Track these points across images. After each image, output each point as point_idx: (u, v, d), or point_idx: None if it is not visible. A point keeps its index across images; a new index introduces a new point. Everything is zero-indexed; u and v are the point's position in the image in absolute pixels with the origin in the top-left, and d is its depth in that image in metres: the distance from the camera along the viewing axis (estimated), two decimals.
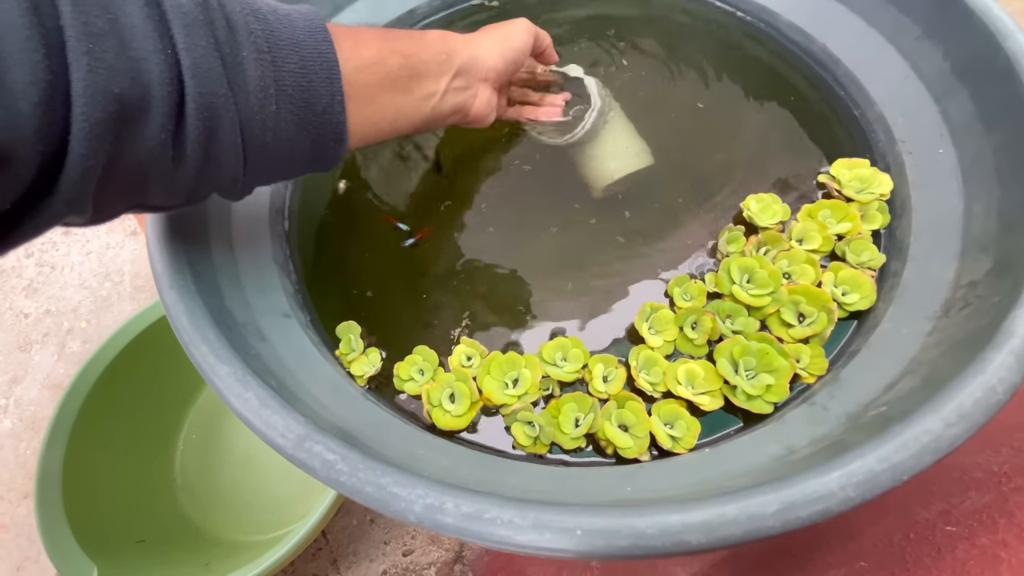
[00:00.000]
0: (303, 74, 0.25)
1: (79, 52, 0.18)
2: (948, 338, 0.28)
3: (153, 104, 0.20)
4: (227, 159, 0.24)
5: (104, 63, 0.19)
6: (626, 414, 0.31)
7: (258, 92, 0.23)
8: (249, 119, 0.23)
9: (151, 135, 0.21)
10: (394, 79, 0.29)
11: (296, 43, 0.24)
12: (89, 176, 0.20)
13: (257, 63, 0.23)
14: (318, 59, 0.25)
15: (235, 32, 0.22)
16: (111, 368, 0.63)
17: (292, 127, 0.25)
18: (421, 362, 0.35)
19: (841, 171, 0.39)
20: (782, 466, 0.25)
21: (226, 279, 0.34)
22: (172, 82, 0.21)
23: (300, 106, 0.25)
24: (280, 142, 0.25)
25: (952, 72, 0.37)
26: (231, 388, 0.26)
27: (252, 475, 0.70)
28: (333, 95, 0.26)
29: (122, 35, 0.19)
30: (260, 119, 0.24)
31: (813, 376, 0.32)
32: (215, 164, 0.24)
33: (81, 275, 0.92)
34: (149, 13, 0.20)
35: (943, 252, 0.33)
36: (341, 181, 0.44)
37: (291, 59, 0.24)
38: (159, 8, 0.20)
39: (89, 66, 0.18)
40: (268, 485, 0.69)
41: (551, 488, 0.27)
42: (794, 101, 0.45)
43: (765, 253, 0.36)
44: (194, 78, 0.21)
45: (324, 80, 0.25)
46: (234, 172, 0.25)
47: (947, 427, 0.21)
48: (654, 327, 0.34)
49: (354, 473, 0.23)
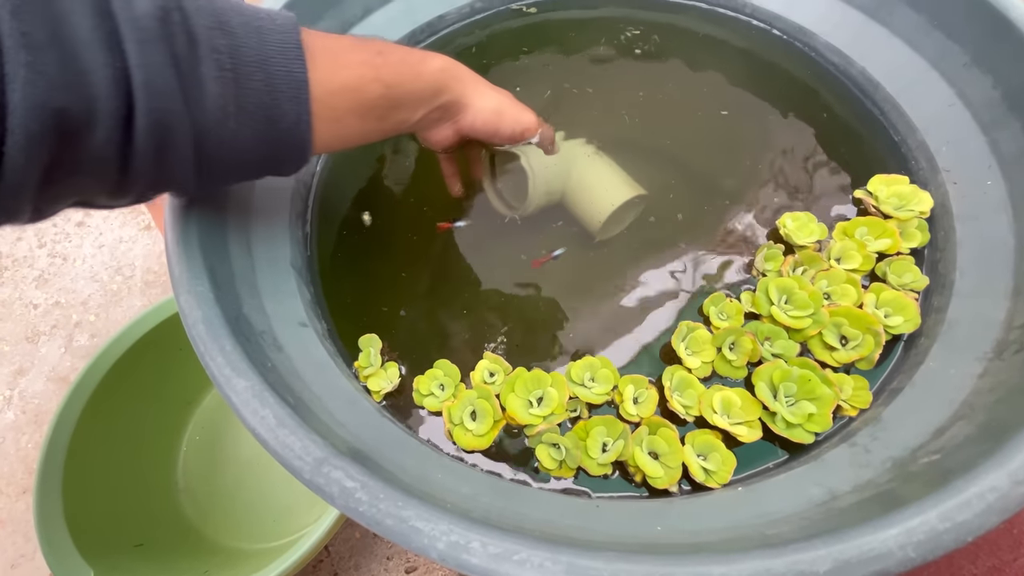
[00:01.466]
0: (268, 92, 0.24)
1: (17, 64, 0.17)
2: (1004, 383, 0.26)
3: (98, 118, 0.19)
4: (179, 170, 0.23)
5: (44, 76, 0.18)
6: (658, 441, 0.30)
7: (216, 110, 0.22)
8: (204, 134, 0.23)
9: (95, 147, 0.20)
10: (370, 108, 0.28)
11: (264, 60, 0.23)
12: (25, 186, 0.19)
13: (218, 80, 0.22)
14: (286, 77, 0.24)
15: (196, 47, 0.21)
16: (118, 365, 0.62)
17: (251, 142, 0.24)
18: (442, 377, 0.34)
19: (879, 187, 0.38)
20: (827, 514, 0.24)
21: (244, 284, 0.33)
22: (120, 96, 0.20)
23: (262, 123, 0.24)
24: (238, 155, 0.24)
25: (1003, 101, 0.35)
26: (247, 404, 0.25)
27: (255, 479, 0.69)
28: (299, 114, 0.25)
29: (65, 47, 0.18)
30: (216, 135, 0.23)
31: (855, 409, 0.31)
32: (166, 174, 0.23)
33: (92, 268, 0.92)
34: (98, 24, 0.19)
35: (993, 290, 0.31)
36: (365, 213, 0.42)
37: (256, 76, 0.23)
38: (111, 20, 0.19)
39: (27, 78, 0.17)
40: (271, 490, 0.68)
41: (577, 523, 0.26)
42: (831, 123, 0.44)
43: (803, 273, 0.35)
44: (146, 93, 0.20)
45: (291, 99, 0.24)
46: (185, 181, 0.24)
47: (1015, 484, 0.20)
48: (691, 348, 0.33)
49: (374, 503, 0.21)
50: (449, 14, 0.52)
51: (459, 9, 0.53)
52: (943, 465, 0.23)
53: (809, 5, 0.47)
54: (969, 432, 0.24)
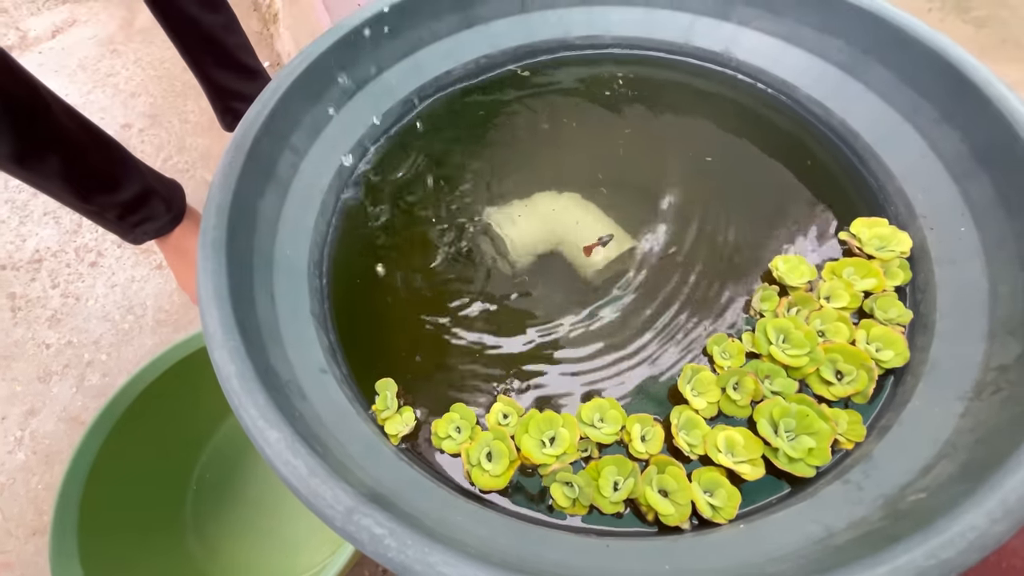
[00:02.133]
0: None
1: None
2: (983, 423, 0.28)
3: None
4: None
5: None
6: (667, 479, 0.31)
7: None
8: None
9: None
10: None
11: None
12: None
13: None
14: None
15: None
16: (134, 406, 0.63)
17: None
18: (459, 420, 0.35)
19: (861, 229, 0.41)
20: (823, 552, 0.25)
21: (270, 335, 0.35)
22: None
23: None
24: None
25: (971, 155, 0.38)
26: (280, 455, 0.26)
27: (263, 518, 0.69)
28: None
29: None
30: None
31: (851, 442, 0.32)
32: None
33: (105, 307, 0.94)
34: None
35: (970, 332, 0.33)
36: (379, 264, 0.45)
37: None
38: None
39: None
40: (279, 529, 0.69)
41: (591, 564, 0.27)
42: (815, 169, 0.47)
43: (797, 313, 0.37)
44: None
45: None
46: None
47: (992, 523, 0.22)
48: (696, 389, 0.35)
49: (403, 550, 0.23)
50: (455, 69, 0.56)
51: (464, 65, 0.56)
52: (928, 504, 0.25)
53: (791, 61, 0.51)
54: (952, 471, 0.26)
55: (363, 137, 0.52)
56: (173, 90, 1.34)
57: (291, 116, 0.46)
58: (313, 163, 0.48)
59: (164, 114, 1.27)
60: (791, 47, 0.51)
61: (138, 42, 1.45)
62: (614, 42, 0.57)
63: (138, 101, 1.30)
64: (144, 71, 1.39)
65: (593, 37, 0.57)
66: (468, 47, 0.56)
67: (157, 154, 1.18)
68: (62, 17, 1.53)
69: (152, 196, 0.62)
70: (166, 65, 1.38)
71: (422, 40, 0.54)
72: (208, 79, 0.86)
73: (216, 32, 0.77)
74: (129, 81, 1.36)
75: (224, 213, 0.36)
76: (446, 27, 0.55)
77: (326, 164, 0.49)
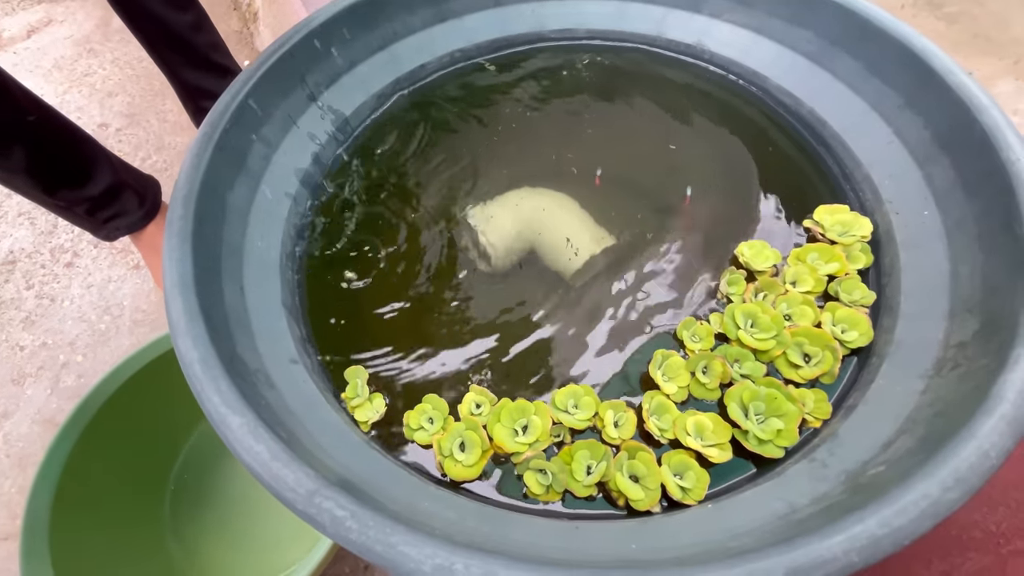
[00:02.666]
0: None
1: None
2: (941, 398, 0.29)
3: None
4: None
5: None
6: (637, 465, 0.32)
7: None
8: None
9: None
10: None
11: None
12: None
13: None
14: None
15: None
16: (107, 406, 0.62)
17: None
18: (431, 411, 0.35)
19: (824, 216, 0.41)
20: (785, 525, 0.26)
21: (238, 325, 0.35)
22: None
23: None
24: None
25: (933, 141, 0.39)
26: (242, 440, 0.26)
27: (243, 516, 0.69)
28: None
29: None
30: None
31: (819, 420, 0.33)
32: None
33: (81, 308, 0.92)
34: None
35: (932, 312, 0.34)
36: (353, 256, 0.45)
37: None
38: None
39: None
40: (259, 527, 0.68)
41: (557, 544, 0.27)
42: (785, 157, 0.47)
43: (764, 298, 0.38)
44: None
45: None
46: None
47: (944, 491, 0.22)
48: (667, 374, 0.35)
49: (364, 531, 0.23)
50: (430, 63, 0.56)
51: (439, 59, 0.56)
52: (886, 476, 0.25)
53: (761, 52, 0.52)
54: (910, 445, 0.27)
55: (337, 131, 0.51)
56: (151, 89, 1.32)
57: (262, 108, 0.45)
58: (286, 155, 0.47)
59: (142, 113, 1.25)
60: (761, 38, 0.52)
61: (116, 41, 1.42)
62: (588, 35, 0.57)
63: (115, 100, 1.28)
64: (122, 70, 1.37)
65: (567, 30, 0.57)
66: (442, 41, 0.56)
67: (135, 153, 1.16)
68: (37, 17, 1.50)
69: (124, 191, 0.61)
70: (144, 64, 1.36)
71: (396, 34, 0.54)
72: (178, 79, 0.86)
73: (184, 32, 0.76)
74: (106, 81, 1.34)
75: (191, 203, 0.36)
76: (420, 20, 0.55)
77: (299, 157, 0.48)
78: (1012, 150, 0.33)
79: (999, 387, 0.24)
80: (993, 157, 0.33)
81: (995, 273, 0.31)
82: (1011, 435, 0.23)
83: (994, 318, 0.30)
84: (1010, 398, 0.24)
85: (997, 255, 0.32)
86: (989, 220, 0.33)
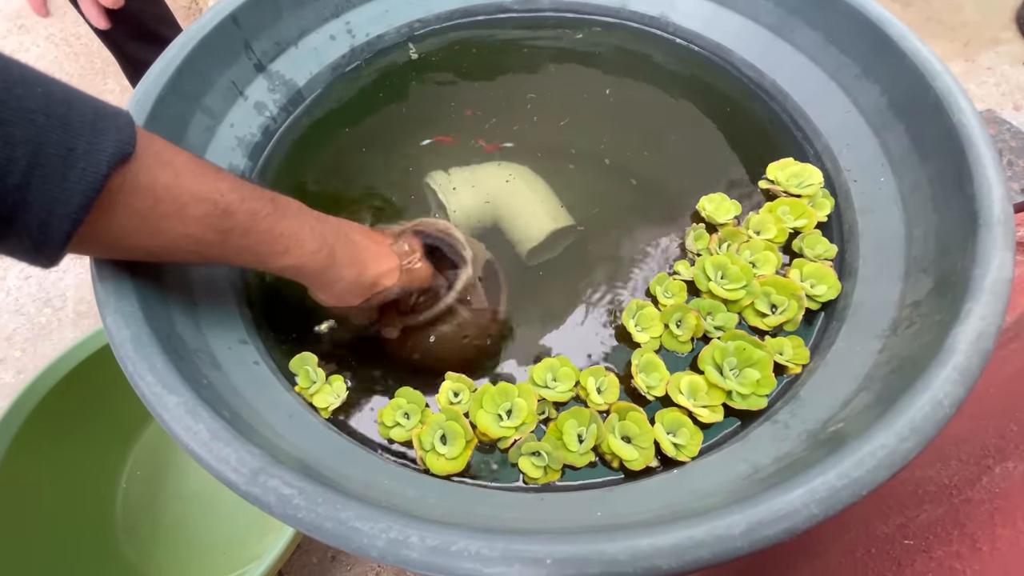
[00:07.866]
0: None
1: None
2: (897, 355, 0.29)
3: None
4: None
5: None
6: (629, 425, 0.31)
7: None
8: None
9: None
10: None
11: None
12: None
13: None
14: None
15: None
16: (46, 401, 0.58)
17: None
18: (406, 405, 0.33)
19: (776, 172, 0.42)
20: (749, 485, 0.25)
21: (177, 304, 0.33)
22: None
23: None
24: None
25: (889, 108, 0.39)
26: (179, 420, 0.24)
27: (201, 513, 0.66)
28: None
29: None
30: None
31: (798, 366, 0.33)
32: None
33: (18, 300, 0.86)
34: None
35: (889, 274, 0.34)
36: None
37: None
38: None
39: None
40: (218, 524, 0.65)
41: (521, 516, 0.27)
42: (747, 131, 0.47)
43: (728, 248, 0.38)
44: None
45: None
46: None
47: (901, 441, 0.22)
48: (640, 324, 0.35)
49: (312, 508, 0.22)
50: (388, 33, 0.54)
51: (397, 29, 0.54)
52: (844, 431, 0.25)
53: (724, 24, 0.51)
54: (868, 401, 0.27)
55: (289, 102, 0.49)
56: (92, 68, 1.23)
57: (202, 76, 0.42)
58: (231, 127, 0.45)
59: None
60: (724, 10, 0.51)
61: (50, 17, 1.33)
62: (551, 6, 0.56)
63: None
64: (58, 48, 1.28)
65: (530, 2, 0.56)
66: (401, 11, 0.54)
67: None
68: None
69: None
70: (82, 41, 1.28)
71: (350, 2, 0.52)
72: (124, 54, 0.80)
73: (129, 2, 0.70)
74: (41, 59, 1.25)
75: None
76: None
77: (246, 128, 0.46)
78: (963, 113, 0.33)
79: (951, 339, 0.25)
80: (945, 120, 0.34)
81: (948, 232, 0.32)
82: (963, 384, 0.23)
83: (946, 276, 0.30)
84: (962, 349, 0.24)
85: (949, 215, 0.32)
86: (942, 181, 0.34)
